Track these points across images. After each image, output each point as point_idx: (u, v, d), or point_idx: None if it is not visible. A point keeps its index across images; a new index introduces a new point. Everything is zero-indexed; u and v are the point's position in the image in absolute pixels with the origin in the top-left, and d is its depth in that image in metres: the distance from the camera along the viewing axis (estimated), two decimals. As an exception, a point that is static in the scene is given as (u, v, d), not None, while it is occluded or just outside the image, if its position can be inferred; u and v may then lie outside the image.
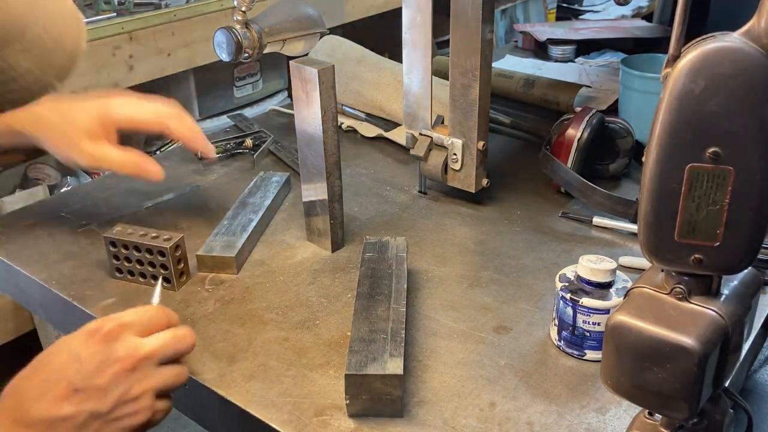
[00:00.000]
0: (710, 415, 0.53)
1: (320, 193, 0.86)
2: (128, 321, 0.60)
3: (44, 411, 0.55)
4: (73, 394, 0.56)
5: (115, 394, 0.57)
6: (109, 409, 0.57)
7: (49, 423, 0.55)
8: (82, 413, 0.56)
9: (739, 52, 0.42)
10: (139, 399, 0.58)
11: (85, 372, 0.56)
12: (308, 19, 1.01)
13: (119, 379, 0.57)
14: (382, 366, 0.63)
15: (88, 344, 0.58)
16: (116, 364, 0.57)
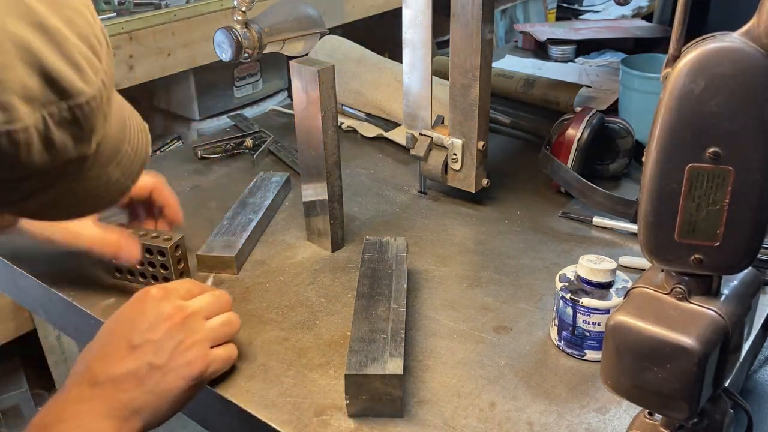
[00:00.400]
0: (710, 415, 0.53)
1: (320, 193, 0.86)
2: (171, 287, 0.67)
3: (110, 369, 0.61)
4: (132, 351, 0.62)
5: (170, 346, 0.63)
6: (165, 360, 0.62)
7: (116, 379, 0.60)
8: (142, 367, 0.61)
9: (739, 52, 0.42)
10: (192, 349, 0.64)
11: (140, 330, 0.63)
12: (308, 19, 1.01)
13: (171, 333, 0.63)
14: (382, 366, 0.63)
15: (139, 307, 0.65)
16: (167, 321, 0.64)
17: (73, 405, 0.59)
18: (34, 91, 0.39)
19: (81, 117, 0.42)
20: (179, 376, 0.62)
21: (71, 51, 0.41)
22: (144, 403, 0.61)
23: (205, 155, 1.15)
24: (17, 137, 0.39)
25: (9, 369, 1.79)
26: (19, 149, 0.39)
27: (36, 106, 0.39)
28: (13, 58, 0.38)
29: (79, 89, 0.42)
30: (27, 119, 0.39)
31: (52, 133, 0.41)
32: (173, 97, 1.93)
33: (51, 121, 0.40)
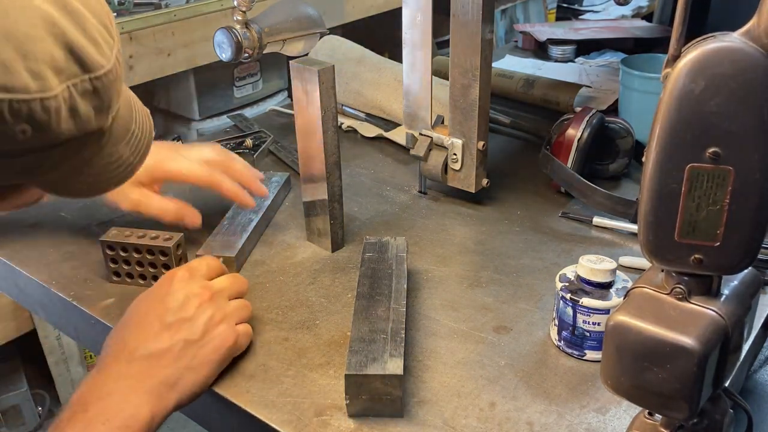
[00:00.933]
0: (710, 415, 0.53)
1: (320, 193, 0.86)
2: (194, 266, 0.71)
3: (147, 347, 0.64)
4: (166, 329, 0.65)
5: (202, 321, 0.66)
6: (200, 335, 0.65)
7: (153, 355, 0.63)
8: (178, 342, 0.64)
9: (739, 52, 0.42)
10: (222, 323, 0.67)
11: (172, 308, 0.66)
12: (308, 19, 1.01)
13: (202, 309, 0.67)
14: (382, 366, 0.63)
15: (167, 288, 0.68)
16: (196, 298, 0.67)
17: (112, 382, 0.61)
18: (61, 63, 0.43)
19: (101, 88, 0.46)
20: (213, 349, 0.66)
21: (90, 29, 0.45)
22: (180, 377, 0.64)
23: (205, 155, 1.15)
24: (49, 105, 0.42)
25: (9, 369, 1.79)
26: (50, 116, 0.43)
27: (63, 77, 0.43)
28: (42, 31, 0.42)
29: (98, 63, 0.46)
30: (56, 89, 0.43)
31: (77, 103, 0.44)
32: (173, 97, 1.93)
33: (75, 91, 0.44)
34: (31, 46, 0.41)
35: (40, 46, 0.42)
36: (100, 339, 0.80)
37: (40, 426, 1.79)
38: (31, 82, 0.41)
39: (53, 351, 1.79)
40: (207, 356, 0.65)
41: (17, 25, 0.41)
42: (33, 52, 0.41)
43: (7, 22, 0.40)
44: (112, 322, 0.77)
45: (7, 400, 1.75)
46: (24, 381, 1.77)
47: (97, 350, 0.82)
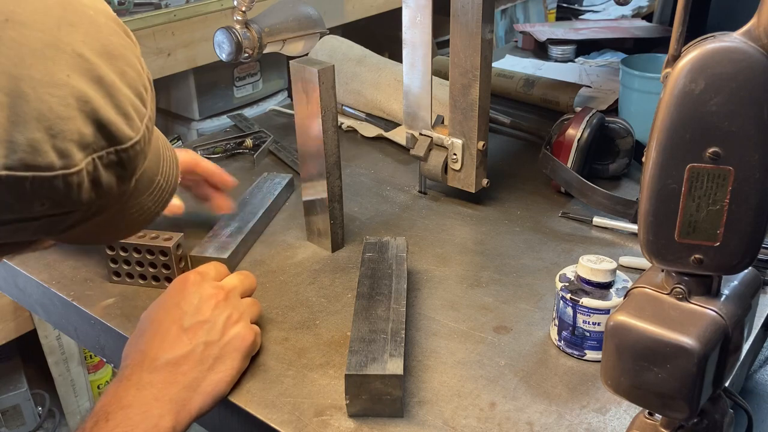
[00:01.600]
0: (710, 415, 0.53)
1: (320, 193, 0.86)
2: (203, 270, 0.71)
3: (167, 354, 0.63)
4: (185, 333, 0.65)
5: (221, 321, 0.66)
6: (219, 335, 0.66)
7: (175, 362, 0.63)
8: (198, 346, 0.64)
9: (739, 52, 0.42)
10: (240, 322, 0.68)
11: (188, 312, 0.66)
12: (308, 19, 1.01)
13: (219, 309, 0.67)
14: (382, 366, 0.63)
15: (181, 293, 0.68)
16: (211, 299, 0.67)
17: (134, 391, 0.61)
18: (89, 139, 0.43)
19: (126, 160, 0.46)
20: (234, 348, 0.66)
21: (122, 101, 0.45)
22: (203, 380, 0.64)
23: (205, 155, 1.15)
24: (71, 180, 0.42)
25: (9, 369, 1.79)
26: (71, 189, 0.43)
27: (89, 151, 0.43)
28: (73, 110, 0.42)
29: (127, 135, 0.45)
30: (81, 163, 0.42)
31: (100, 175, 0.44)
32: (173, 97, 1.93)
33: (100, 163, 0.44)
34: (61, 126, 0.41)
35: (71, 125, 0.41)
36: (100, 339, 0.80)
37: (40, 426, 1.79)
38: (57, 161, 0.41)
39: (53, 351, 1.78)
40: (228, 356, 0.66)
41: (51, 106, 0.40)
42: (62, 132, 0.41)
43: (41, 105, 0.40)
44: (112, 322, 0.77)
45: (7, 400, 1.75)
46: (24, 381, 1.77)
47: (97, 350, 0.83)
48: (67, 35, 0.42)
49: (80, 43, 0.43)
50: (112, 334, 0.77)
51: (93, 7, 0.45)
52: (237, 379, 0.67)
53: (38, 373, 1.83)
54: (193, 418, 0.63)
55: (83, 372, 1.85)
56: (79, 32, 0.43)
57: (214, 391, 0.64)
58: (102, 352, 0.82)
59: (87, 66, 0.43)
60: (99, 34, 0.44)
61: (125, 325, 0.76)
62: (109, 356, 0.81)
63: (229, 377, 0.65)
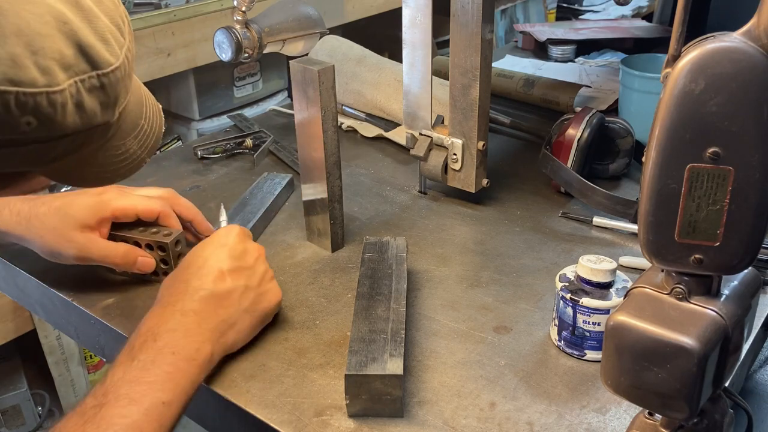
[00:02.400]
0: (710, 415, 0.53)
1: (320, 193, 0.86)
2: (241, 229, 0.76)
3: (211, 287, 0.68)
4: (229, 273, 0.70)
5: (260, 272, 0.73)
6: (258, 283, 0.72)
7: (218, 295, 0.68)
8: (239, 286, 0.70)
9: (739, 52, 0.42)
10: (273, 280, 0.75)
11: (234, 256, 0.71)
12: (308, 19, 1.01)
13: (260, 262, 0.73)
14: (382, 366, 0.63)
15: (228, 238, 0.73)
16: (255, 251, 0.74)
17: (179, 316, 0.65)
18: (70, 60, 0.45)
19: (108, 85, 0.48)
20: (267, 299, 0.72)
21: (101, 27, 0.47)
22: (238, 319, 0.69)
23: (205, 155, 1.15)
24: (55, 99, 0.44)
25: (9, 369, 1.79)
26: (56, 110, 0.44)
27: (70, 73, 0.45)
28: (52, 29, 0.43)
29: (107, 61, 0.47)
30: (63, 83, 0.44)
31: (83, 98, 0.46)
32: (173, 97, 1.93)
33: (82, 86, 0.46)
34: (40, 43, 0.43)
35: (50, 42, 0.43)
36: (100, 339, 0.80)
37: (40, 426, 1.79)
38: (39, 77, 0.43)
39: (53, 351, 1.79)
40: (261, 304, 0.71)
41: (28, 22, 0.42)
42: (42, 48, 0.43)
43: (18, 20, 0.42)
44: (112, 322, 0.77)
45: (7, 400, 1.75)
46: (24, 381, 1.77)
47: (97, 350, 0.83)
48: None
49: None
50: (112, 334, 0.77)
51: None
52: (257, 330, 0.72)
53: (38, 373, 1.83)
54: (226, 352, 0.68)
55: (83, 372, 1.85)
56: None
57: (243, 333, 0.70)
58: (102, 352, 0.82)
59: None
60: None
61: (125, 325, 0.76)
62: (109, 356, 0.81)
63: (256, 324, 0.72)
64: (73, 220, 0.77)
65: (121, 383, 0.59)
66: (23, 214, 0.78)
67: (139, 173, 1.07)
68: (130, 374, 0.60)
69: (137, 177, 1.08)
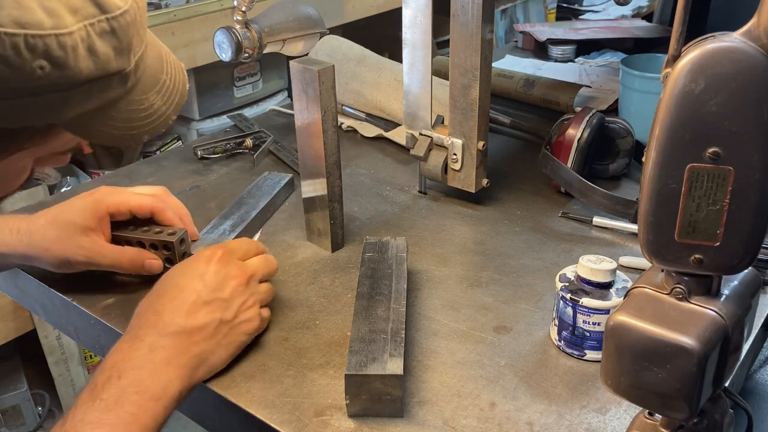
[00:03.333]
0: (710, 415, 0.53)
1: (320, 192, 0.86)
2: (232, 248, 0.73)
3: (184, 322, 0.65)
4: (203, 306, 0.67)
5: (236, 303, 0.69)
6: (233, 316, 0.68)
7: (189, 331, 0.65)
8: (213, 321, 0.67)
9: (739, 52, 0.42)
10: (252, 308, 0.70)
11: (210, 287, 0.68)
12: (308, 19, 1.01)
13: (237, 292, 0.69)
14: (382, 366, 0.63)
15: (208, 266, 0.69)
16: (234, 280, 0.69)
17: (147, 352, 0.63)
18: (77, 3, 0.45)
19: (118, 29, 0.48)
20: (242, 331, 0.69)
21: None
22: (211, 354, 0.67)
23: (205, 155, 1.15)
24: (65, 42, 0.44)
25: (9, 369, 1.79)
26: (68, 53, 0.45)
27: (79, 16, 0.45)
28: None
29: (116, 4, 0.48)
30: (72, 26, 0.45)
31: (94, 42, 0.46)
32: (173, 97, 1.93)
33: (92, 30, 0.46)
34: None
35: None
36: (100, 339, 0.80)
37: (40, 426, 1.79)
38: (46, 19, 0.43)
39: (53, 351, 1.79)
40: (235, 337, 0.69)
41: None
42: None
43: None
44: (112, 322, 0.77)
45: (7, 400, 1.75)
46: (24, 381, 1.77)
47: (97, 350, 0.83)
48: None
49: None
50: (112, 334, 0.77)
51: None
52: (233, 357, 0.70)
53: (38, 373, 1.83)
54: (194, 387, 0.66)
55: (83, 372, 1.85)
56: None
57: (215, 365, 0.67)
58: (102, 352, 0.82)
59: None
60: None
61: (125, 325, 0.76)
62: (109, 356, 0.81)
63: (230, 355, 0.69)
64: (73, 225, 0.76)
65: (81, 425, 0.56)
66: (23, 231, 0.77)
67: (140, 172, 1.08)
68: (92, 415, 0.57)
69: (137, 176, 1.09)
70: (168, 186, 0.90)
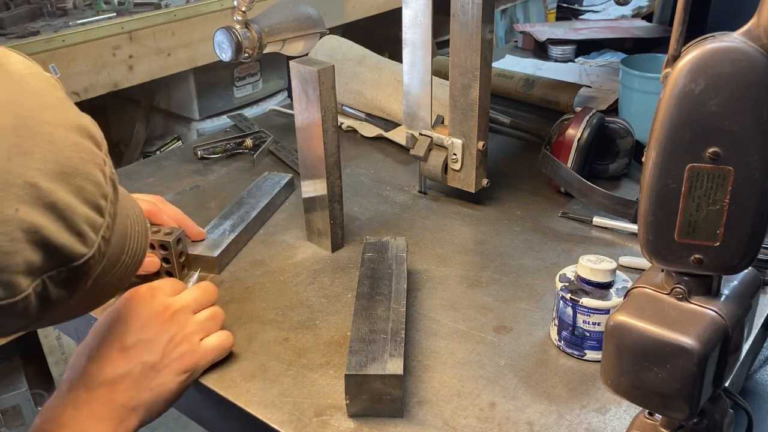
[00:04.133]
0: (710, 415, 0.53)
1: (320, 192, 0.86)
2: (158, 285, 0.69)
3: (104, 372, 0.62)
4: (125, 352, 0.63)
5: (162, 342, 0.65)
6: (159, 357, 0.64)
7: (112, 381, 0.62)
8: (136, 366, 0.63)
9: (739, 52, 0.42)
10: (183, 343, 0.66)
11: (132, 330, 0.64)
12: (308, 19, 1.01)
13: (162, 330, 0.65)
14: (382, 366, 0.63)
15: (128, 307, 0.66)
16: (157, 318, 0.66)
17: (70, 410, 0.60)
18: (37, 264, 0.42)
19: (78, 274, 0.46)
20: (172, 371, 0.65)
21: (76, 221, 0.44)
22: (140, 401, 0.63)
23: (205, 155, 1.15)
24: (16, 306, 0.42)
25: (9, 369, 1.79)
26: (17, 312, 0.42)
27: (37, 274, 0.43)
28: (21, 243, 0.41)
29: (80, 253, 0.45)
30: (27, 289, 0.42)
31: (49, 292, 0.44)
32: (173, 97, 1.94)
33: (50, 282, 0.44)
34: (6, 261, 0.40)
35: (17, 258, 0.41)
36: (100, 339, 0.80)
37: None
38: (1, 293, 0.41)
39: (53, 351, 1.79)
40: (165, 377, 0.64)
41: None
42: (8, 266, 0.41)
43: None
44: (112, 322, 0.77)
45: (7, 400, 1.75)
46: (24, 381, 1.77)
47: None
48: (18, 166, 0.41)
49: (34, 171, 0.42)
50: (112, 334, 0.77)
51: (52, 122, 0.45)
52: (176, 400, 0.66)
53: (38, 373, 1.83)
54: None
55: (83, 372, 1.85)
56: (34, 159, 0.42)
57: (151, 410, 0.64)
58: (102, 352, 0.82)
59: (39, 194, 0.42)
60: (57, 155, 0.44)
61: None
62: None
63: (166, 398, 0.64)
64: None
65: None
66: None
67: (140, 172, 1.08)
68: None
69: (138, 176, 1.09)
70: (168, 186, 0.90)
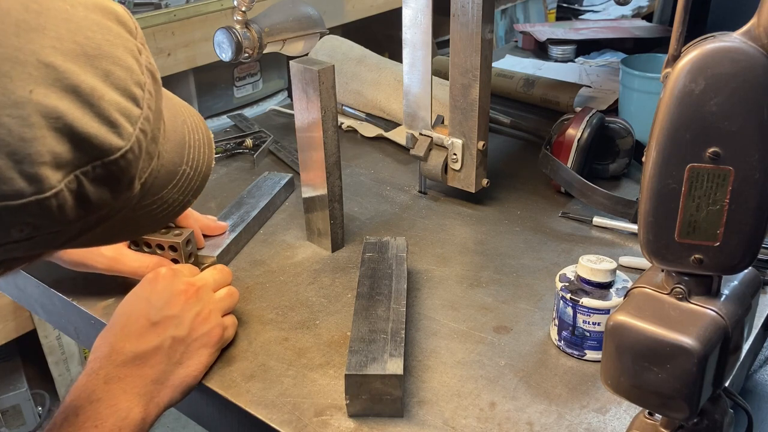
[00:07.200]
0: (710, 415, 0.53)
1: (320, 193, 0.86)
2: (177, 268, 0.71)
3: (135, 347, 0.64)
4: (153, 327, 0.65)
5: (189, 317, 0.67)
6: (187, 332, 0.66)
7: (143, 355, 0.64)
8: (166, 340, 0.65)
9: (739, 52, 0.42)
10: (210, 318, 0.69)
11: (157, 307, 0.66)
12: (308, 19, 1.01)
13: (188, 305, 0.67)
14: (382, 366, 0.63)
15: (152, 287, 0.68)
16: (182, 295, 0.68)
17: (102, 385, 0.61)
18: (65, 156, 0.38)
19: (117, 171, 0.41)
20: (202, 344, 0.67)
21: (105, 108, 0.40)
22: (171, 374, 0.65)
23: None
24: (48, 203, 0.38)
25: (9, 369, 1.79)
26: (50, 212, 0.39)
27: (67, 170, 0.39)
28: (41, 129, 0.37)
29: (115, 146, 0.40)
30: (58, 184, 0.38)
31: (86, 191, 0.40)
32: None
33: (85, 179, 0.40)
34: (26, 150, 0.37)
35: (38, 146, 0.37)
36: (100, 339, 0.80)
37: (40, 426, 1.79)
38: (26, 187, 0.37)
39: (53, 351, 1.79)
40: (195, 351, 0.67)
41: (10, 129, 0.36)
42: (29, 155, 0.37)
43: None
44: (112, 322, 0.77)
45: (7, 400, 1.75)
46: (24, 381, 1.77)
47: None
48: (28, 43, 0.37)
49: (48, 50, 0.38)
50: (112, 334, 0.77)
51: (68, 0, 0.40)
52: (205, 372, 0.68)
53: (38, 373, 1.83)
54: (162, 410, 0.64)
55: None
56: (47, 36, 0.38)
57: (182, 384, 0.65)
58: (102, 352, 0.82)
59: (57, 76, 0.38)
60: (76, 33, 0.39)
61: (125, 325, 0.76)
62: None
63: (197, 371, 0.67)
64: None
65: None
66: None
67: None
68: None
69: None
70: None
